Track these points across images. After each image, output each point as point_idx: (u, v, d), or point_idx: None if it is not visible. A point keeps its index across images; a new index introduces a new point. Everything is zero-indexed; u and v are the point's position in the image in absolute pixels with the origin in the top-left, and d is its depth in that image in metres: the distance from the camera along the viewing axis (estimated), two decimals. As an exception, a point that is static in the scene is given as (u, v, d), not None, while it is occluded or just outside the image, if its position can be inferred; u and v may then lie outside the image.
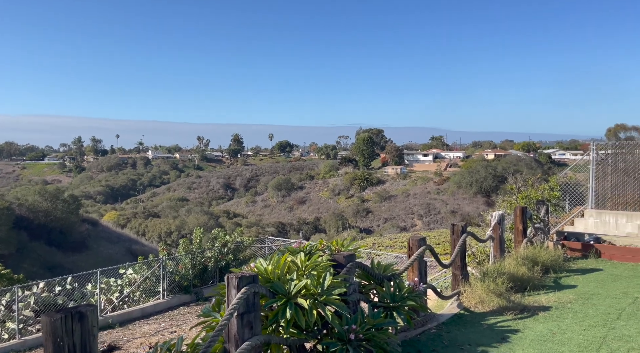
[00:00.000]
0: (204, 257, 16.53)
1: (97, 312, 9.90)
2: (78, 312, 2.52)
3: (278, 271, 3.96)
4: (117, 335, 12.15)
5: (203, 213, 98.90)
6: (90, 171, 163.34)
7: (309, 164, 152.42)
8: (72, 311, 2.50)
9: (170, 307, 14.73)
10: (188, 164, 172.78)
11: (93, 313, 2.58)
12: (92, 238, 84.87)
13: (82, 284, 15.67)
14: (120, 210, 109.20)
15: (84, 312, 2.53)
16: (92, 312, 2.56)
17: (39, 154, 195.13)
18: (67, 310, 2.49)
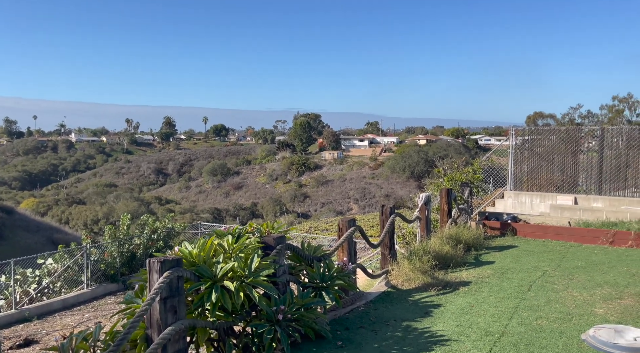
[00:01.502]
0: (132, 243, 15.86)
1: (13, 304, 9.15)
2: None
3: (204, 254, 3.86)
4: (34, 328, 11.39)
5: (133, 199, 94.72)
6: (4, 155, 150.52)
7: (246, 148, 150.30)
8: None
9: (95, 296, 14.02)
10: (116, 148, 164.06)
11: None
12: (8, 227, 78.60)
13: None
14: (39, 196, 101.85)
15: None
16: None
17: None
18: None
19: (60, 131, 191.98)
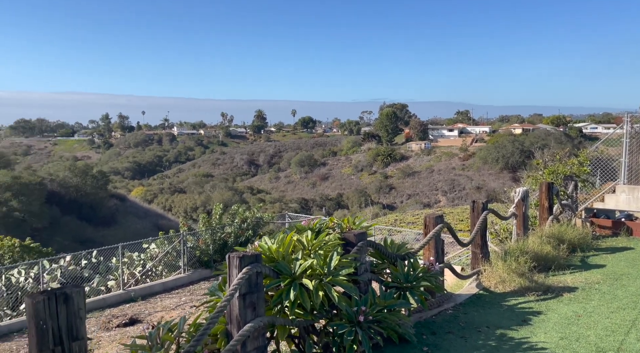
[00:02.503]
0: (224, 232, 16.62)
1: (121, 285, 9.91)
2: (63, 293, 2.38)
3: (282, 250, 3.78)
4: (139, 308, 12.38)
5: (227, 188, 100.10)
6: (118, 147, 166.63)
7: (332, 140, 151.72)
8: (56, 292, 2.37)
9: (191, 281, 14.92)
10: (212, 141, 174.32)
11: (79, 294, 2.44)
12: (121, 213, 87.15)
13: (107, 258, 16.03)
14: (147, 185, 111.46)
15: (69, 293, 2.40)
16: (78, 293, 2.43)
17: (69, 130, 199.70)
18: (51, 291, 2.36)
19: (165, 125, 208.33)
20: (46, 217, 67.66)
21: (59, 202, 74.53)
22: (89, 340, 10.16)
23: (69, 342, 2.38)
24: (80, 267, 15.80)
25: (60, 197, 76.60)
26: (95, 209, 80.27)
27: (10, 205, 62.95)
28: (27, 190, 66.39)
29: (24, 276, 14.74)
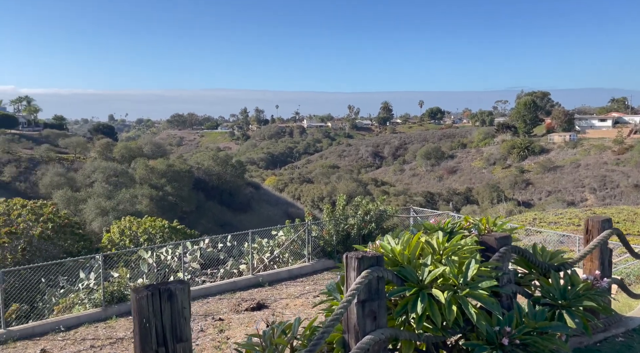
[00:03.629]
0: (347, 223, 16.50)
1: (251, 270, 10.15)
2: (167, 289, 2.20)
3: (408, 253, 3.26)
4: (266, 294, 12.83)
5: (352, 180, 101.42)
6: (254, 139, 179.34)
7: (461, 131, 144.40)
8: (160, 288, 2.19)
9: (315, 270, 15.08)
10: (339, 133, 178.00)
11: (183, 292, 2.24)
12: (255, 200, 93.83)
13: (240, 242, 17.02)
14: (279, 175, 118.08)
15: (173, 290, 2.20)
16: (182, 290, 2.22)
17: (214, 123, 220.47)
18: (155, 286, 2.19)
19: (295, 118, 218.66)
20: (193, 201, 75.67)
21: (203, 188, 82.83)
22: (221, 321, 10.75)
23: (173, 343, 2.19)
24: (217, 249, 17.01)
25: (205, 184, 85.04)
26: (234, 196, 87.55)
27: (165, 189, 71.58)
28: (179, 177, 74.89)
29: (170, 254, 16.32)
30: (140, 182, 70.22)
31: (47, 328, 10.18)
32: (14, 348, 9.36)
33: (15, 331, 9.89)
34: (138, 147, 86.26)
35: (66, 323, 10.45)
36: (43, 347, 9.31)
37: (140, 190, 65.58)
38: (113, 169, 70.50)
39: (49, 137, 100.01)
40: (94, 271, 13.93)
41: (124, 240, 19.30)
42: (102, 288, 11.34)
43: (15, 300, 11.80)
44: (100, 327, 10.43)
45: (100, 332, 10.15)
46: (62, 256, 16.12)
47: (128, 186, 66.29)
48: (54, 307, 12.13)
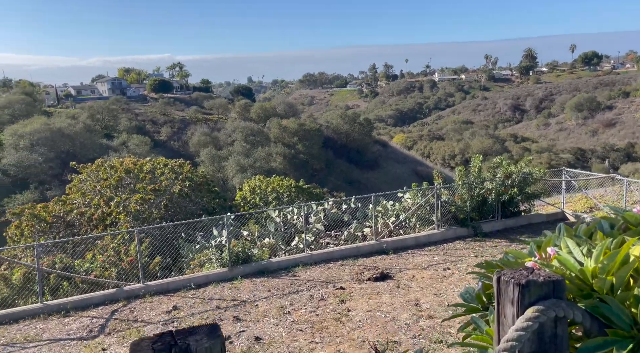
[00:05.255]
0: (484, 188, 14.66)
1: (374, 235, 9.32)
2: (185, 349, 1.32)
3: (611, 275, 1.96)
4: (390, 262, 11.98)
5: (488, 136, 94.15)
6: (383, 96, 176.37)
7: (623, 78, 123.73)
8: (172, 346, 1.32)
9: (445, 239, 13.75)
10: (474, 85, 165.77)
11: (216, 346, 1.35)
12: (383, 158, 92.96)
13: (364, 205, 16.34)
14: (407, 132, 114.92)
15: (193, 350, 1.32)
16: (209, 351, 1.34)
17: (343, 82, 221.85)
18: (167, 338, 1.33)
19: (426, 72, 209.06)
20: (323, 159, 77.65)
21: (332, 146, 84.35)
22: (342, 290, 10.22)
23: None
24: (341, 211, 16.57)
25: (334, 142, 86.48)
26: (361, 154, 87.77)
27: (296, 148, 74.39)
28: (309, 135, 77.12)
29: (296, 215, 16.31)
30: (274, 140, 73.94)
31: (180, 285, 10.68)
32: (150, 303, 9.96)
33: (152, 286, 10.55)
34: (272, 107, 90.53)
35: (196, 281, 10.87)
36: (175, 304, 9.74)
37: (275, 149, 69.10)
38: (250, 128, 75.20)
39: (197, 100, 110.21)
40: (225, 229, 14.48)
41: (254, 199, 19.96)
42: (228, 248, 11.55)
43: (158, 253, 12.71)
44: (226, 287, 10.64)
45: (226, 292, 10.34)
46: (198, 212, 17.17)
47: (264, 144, 70.31)
48: (190, 262, 12.83)
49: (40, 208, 16.30)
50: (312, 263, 12.00)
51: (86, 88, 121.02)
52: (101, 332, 8.68)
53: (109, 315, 9.39)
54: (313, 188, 24.83)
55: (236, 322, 8.84)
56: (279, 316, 9.02)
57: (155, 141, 70.41)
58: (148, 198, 16.21)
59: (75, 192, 17.66)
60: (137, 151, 54.98)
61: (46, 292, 10.81)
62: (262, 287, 10.55)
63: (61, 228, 16.38)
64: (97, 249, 13.19)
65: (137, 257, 10.84)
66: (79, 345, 8.20)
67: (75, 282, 11.10)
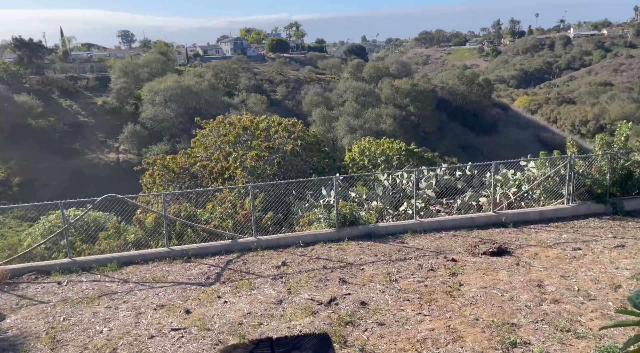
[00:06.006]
0: (630, 160, 12.63)
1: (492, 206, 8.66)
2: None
3: None
4: (509, 237, 10.99)
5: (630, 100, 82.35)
6: (506, 55, 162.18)
7: None
8: None
9: (576, 215, 12.22)
10: (617, 42, 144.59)
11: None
12: (502, 122, 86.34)
13: (481, 172, 15.21)
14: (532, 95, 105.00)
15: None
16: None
17: (462, 39, 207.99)
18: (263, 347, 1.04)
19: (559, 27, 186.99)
20: (435, 122, 74.45)
21: (446, 108, 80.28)
22: (454, 262, 9.62)
23: None
24: (454, 177, 15.61)
25: (448, 104, 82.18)
26: (478, 117, 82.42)
27: (408, 109, 72.16)
28: (422, 96, 74.11)
29: (405, 179, 15.74)
30: (385, 101, 72.42)
31: (289, 241, 10.92)
32: (262, 257, 10.34)
33: (263, 240, 10.93)
34: (385, 67, 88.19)
35: (305, 239, 11.03)
36: (284, 260, 9.99)
37: (385, 110, 67.74)
38: (362, 88, 74.38)
39: (312, 59, 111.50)
40: (334, 189, 14.48)
41: (363, 160, 19.70)
42: (335, 209, 11.48)
43: (270, 208, 13.15)
44: (333, 247, 10.63)
45: (333, 253, 10.34)
46: (309, 171, 17.42)
47: (374, 105, 69.27)
48: (299, 219, 13.09)
49: (169, 160, 17.78)
50: (422, 231, 11.48)
51: (212, 48, 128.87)
52: (217, 280, 9.23)
53: (224, 265, 9.95)
54: (424, 152, 23.84)
55: (342, 284, 8.78)
56: (386, 282, 8.77)
57: (271, 100, 73.14)
58: (262, 155, 16.78)
59: (199, 146, 18.93)
60: (254, 109, 57.62)
61: (172, 237, 11.81)
62: (369, 251, 10.35)
63: (186, 179, 17.76)
64: (217, 201, 14.05)
65: (251, 211, 11.27)
66: (198, 290, 8.81)
67: (196, 230, 11.96)
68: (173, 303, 8.27)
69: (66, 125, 54.84)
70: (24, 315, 8.10)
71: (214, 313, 7.85)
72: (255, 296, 8.44)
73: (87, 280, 9.52)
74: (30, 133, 50.71)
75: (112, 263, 10.10)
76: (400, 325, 7.27)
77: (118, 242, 12.21)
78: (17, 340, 7.28)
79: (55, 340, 7.22)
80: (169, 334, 7.26)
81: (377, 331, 7.11)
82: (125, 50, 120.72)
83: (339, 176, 13.92)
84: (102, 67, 77.08)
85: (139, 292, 8.82)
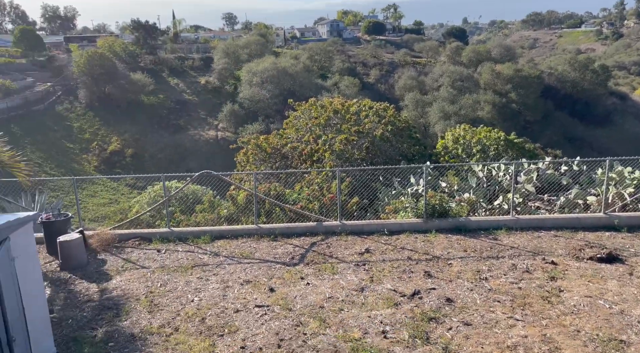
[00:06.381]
0: None
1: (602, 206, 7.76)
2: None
3: None
4: (621, 242, 9.81)
5: None
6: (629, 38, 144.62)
7: None
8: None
9: None
10: None
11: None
12: (619, 112, 77.57)
13: (590, 168, 13.78)
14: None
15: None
16: None
17: (577, 21, 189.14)
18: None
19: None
20: (540, 110, 68.95)
21: (553, 96, 73.88)
22: (554, 265, 8.82)
23: None
24: (559, 172, 14.33)
25: (555, 92, 75.56)
26: (590, 106, 74.90)
27: (509, 96, 67.57)
28: (526, 83, 68.86)
29: (502, 171, 14.74)
30: (484, 87, 68.41)
31: (374, 228, 10.74)
32: (345, 242, 10.28)
33: (348, 225, 10.86)
34: (486, 51, 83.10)
35: (390, 227, 10.77)
36: (368, 247, 9.85)
37: (484, 96, 64.04)
38: (459, 73, 70.89)
39: (408, 42, 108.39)
40: (423, 178, 13.96)
41: (456, 149, 18.79)
42: (424, 199, 11.05)
43: (356, 193, 13.05)
44: (419, 239, 10.27)
45: (419, 244, 9.98)
46: (397, 158, 16.99)
47: (472, 91, 65.76)
48: (385, 206, 12.84)
49: (262, 140, 18.36)
50: (518, 228, 10.66)
51: (309, 30, 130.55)
52: (301, 261, 9.35)
53: (308, 247, 10.05)
54: (524, 143, 22.17)
55: (427, 277, 8.45)
56: (474, 280, 8.28)
57: (363, 83, 72.58)
58: (351, 139, 16.66)
59: (291, 127, 19.30)
60: (346, 92, 57.57)
61: (262, 215, 12.20)
62: (458, 246, 9.84)
63: (277, 159, 18.24)
64: (305, 182, 14.25)
65: (337, 195, 11.24)
66: (282, 269, 9.00)
67: (284, 210, 12.23)
68: (258, 280, 8.54)
69: (173, 102, 59.06)
70: (127, 278, 8.86)
71: (296, 294, 7.96)
72: (338, 281, 8.42)
73: (183, 250, 10.17)
74: (142, 109, 55.37)
75: (205, 236, 10.68)
76: (489, 327, 6.82)
77: (212, 215, 12.90)
78: (120, 301, 7.98)
79: (153, 304, 7.81)
80: (253, 310, 7.51)
81: (462, 331, 6.74)
82: (228, 32, 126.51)
83: (430, 164, 13.38)
84: (206, 48, 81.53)
85: (228, 266, 9.23)
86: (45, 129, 46.57)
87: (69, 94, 54.09)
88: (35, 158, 40.42)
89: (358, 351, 6.34)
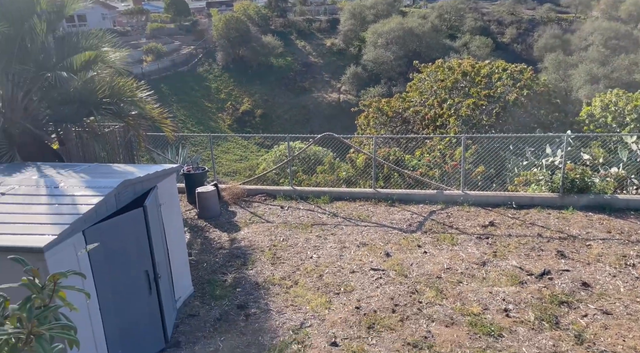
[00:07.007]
0: None
1: None
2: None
3: None
4: None
5: None
6: None
7: None
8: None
9: None
10: None
11: None
12: None
13: None
14: None
15: None
16: None
17: None
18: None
19: None
20: None
21: None
22: None
23: None
24: None
25: None
26: None
27: (679, 56, 56.97)
28: None
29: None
30: (646, 45, 58.37)
31: (499, 201, 10.05)
32: (467, 212, 9.78)
33: (471, 196, 10.29)
34: (653, 1, 70.14)
35: (518, 200, 9.98)
36: (492, 220, 9.27)
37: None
38: (615, 30, 61.34)
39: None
40: (561, 148, 12.57)
41: (605, 117, 16.50)
42: (562, 172, 9.97)
43: (482, 162, 12.27)
44: (552, 215, 9.36)
45: (552, 221, 9.11)
46: (532, 125, 15.47)
47: (629, 51, 56.68)
48: (514, 178, 11.91)
49: (384, 103, 18.04)
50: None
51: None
52: (419, 228, 9.17)
53: (427, 215, 9.79)
54: (698, 113, 18.60)
55: (560, 257, 7.72)
56: (618, 266, 7.35)
57: (497, 43, 66.82)
58: (480, 104, 15.54)
59: (414, 90, 18.62)
60: (477, 53, 53.62)
61: (380, 179, 12.14)
62: (600, 226, 8.78)
63: (398, 123, 17.85)
64: (426, 148, 13.77)
65: (461, 163, 10.67)
66: (399, 235, 8.92)
67: (403, 175, 12.01)
68: (374, 244, 8.59)
69: (299, 64, 60.75)
70: (254, 230, 9.55)
71: (412, 262, 7.86)
72: (457, 252, 8.10)
73: (303, 208, 10.61)
74: (271, 70, 57.94)
75: (325, 196, 10.98)
76: (634, 319, 6.05)
77: (332, 176, 13.19)
78: (247, 251, 8.65)
79: (275, 257, 8.33)
80: (368, 272, 7.61)
81: (600, 320, 6.08)
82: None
83: (571, 134, 11.97)
84: (333, 10, 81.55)
85: (345, 227, 9.42)
86: (188, 89, 51.43)
87: (209, 57, 58.66)
88: (179, 115, 45.10)
89: (476, 326, 6.10)
